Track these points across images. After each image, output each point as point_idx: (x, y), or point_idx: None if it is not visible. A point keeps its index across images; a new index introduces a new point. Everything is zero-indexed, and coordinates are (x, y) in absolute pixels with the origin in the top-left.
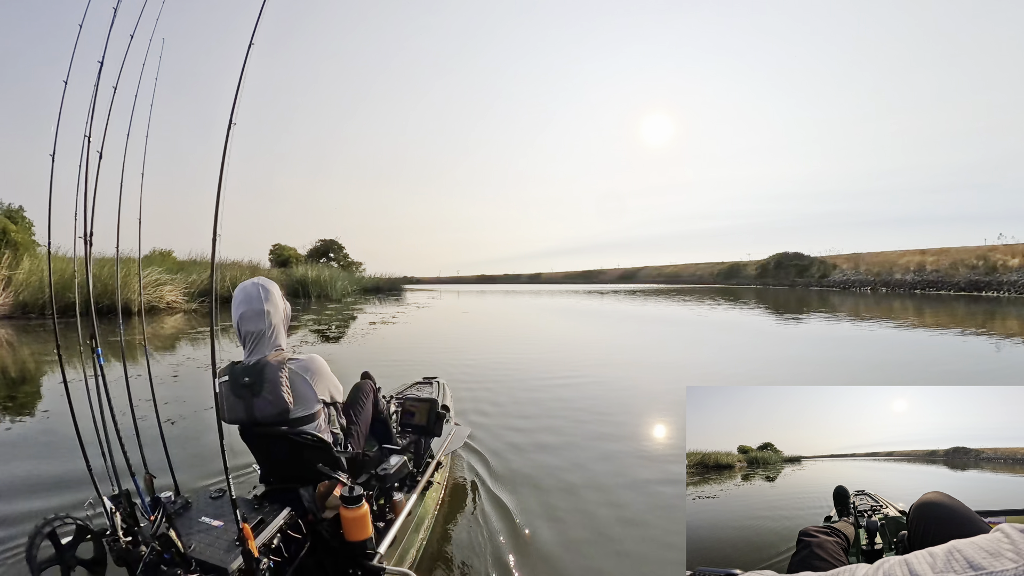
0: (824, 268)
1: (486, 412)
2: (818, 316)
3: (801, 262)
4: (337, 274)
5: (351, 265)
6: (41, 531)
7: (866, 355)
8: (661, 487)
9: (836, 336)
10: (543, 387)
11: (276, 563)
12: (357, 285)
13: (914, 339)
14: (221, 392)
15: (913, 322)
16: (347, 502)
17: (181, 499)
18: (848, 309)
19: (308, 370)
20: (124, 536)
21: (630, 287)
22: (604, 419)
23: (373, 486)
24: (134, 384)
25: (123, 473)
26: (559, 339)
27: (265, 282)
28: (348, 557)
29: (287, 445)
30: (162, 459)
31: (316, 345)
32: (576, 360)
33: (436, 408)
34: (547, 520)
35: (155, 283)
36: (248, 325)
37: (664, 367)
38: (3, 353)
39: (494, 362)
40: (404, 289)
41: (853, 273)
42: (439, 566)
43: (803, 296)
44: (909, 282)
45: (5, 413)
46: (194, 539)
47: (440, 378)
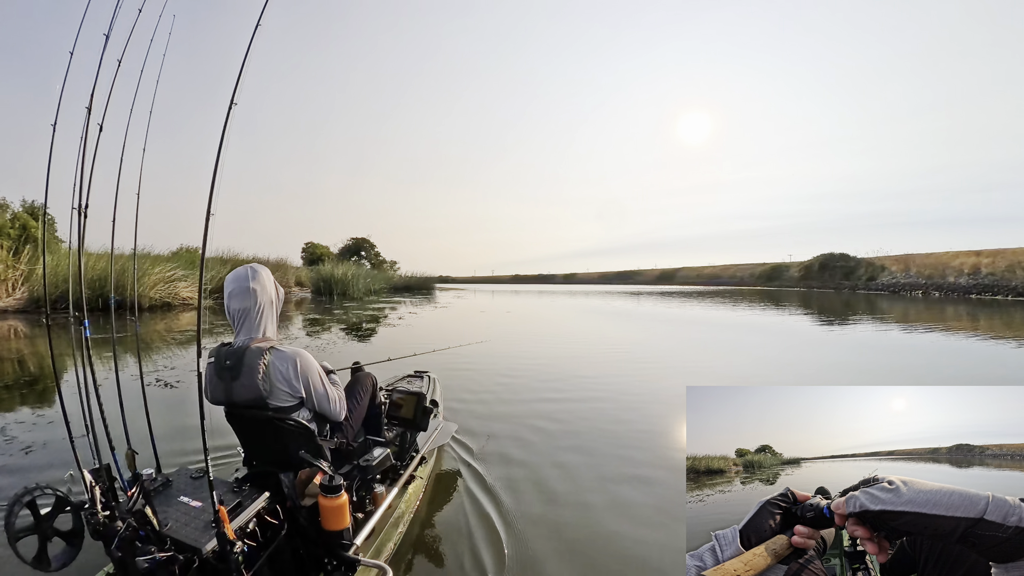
0: (872, 270)
1: (496, 415)
2: (894, 327)
3: (847, 263)
4: (362, 272)
5: (382, 263)
6: (20, 500)
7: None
8: (655, 492)
9: (920, 346)
10: (548, 389)
11: (251, 547)
12: (387, 284)
13: (983, 350)
14: (207, 373)
15: (970, 329)
16: (326, 491)
17: (161, 477)
18: (921, 318)
19: (291, 361)
20: (102, 510)
21: (668, 288)
22: (614, 420)
23: (355, 476)
24: (130, 369)
25: (105, 448)
26: (582, 340)
27: (256, 265)
28: (324, 546)
29: (271, 429)
30: (146, 436)
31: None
32: (595, 361)
33: (423, 402)
34: (529, 522)
35: (169, 279)
36: (234, 303)
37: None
38: (20, 345)
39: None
40: (435, 288)
41: (903, 275)
42: (415, 561)
43: (852, 300)
44: (963, 285)
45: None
46: (171, 517)
47: (431, 372)
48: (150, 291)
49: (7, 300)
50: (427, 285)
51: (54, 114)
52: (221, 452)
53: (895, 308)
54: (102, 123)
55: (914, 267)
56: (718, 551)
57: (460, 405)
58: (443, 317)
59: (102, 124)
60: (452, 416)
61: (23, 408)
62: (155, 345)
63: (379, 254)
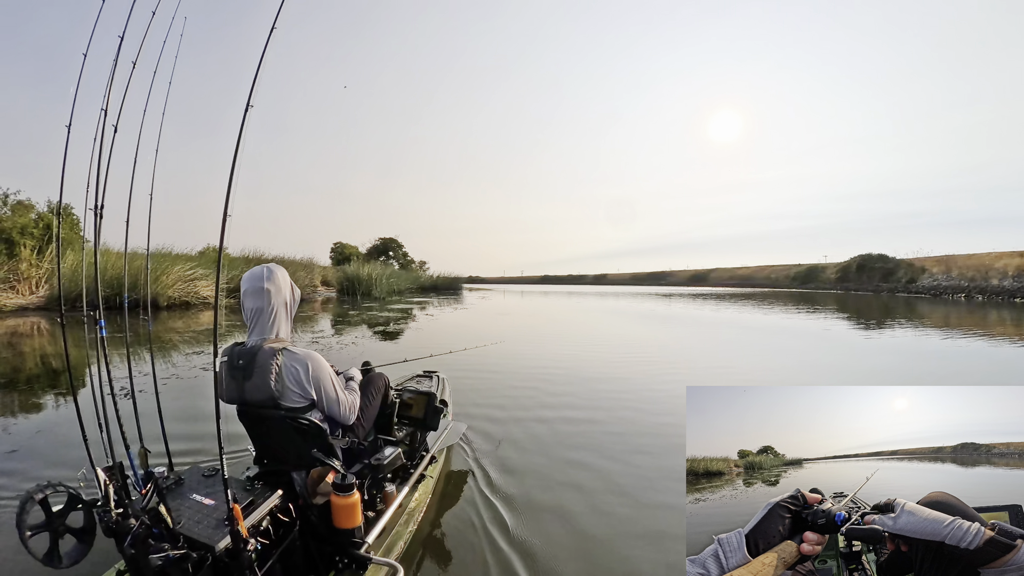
0: (912, 272)
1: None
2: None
3: (886, 264)
4: (387, 272)
5: (410, 263)
6: (32, 497)
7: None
8: (665, 492)
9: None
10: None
11: (263, 545)
12: (414, 284)
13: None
14: (220, 372)
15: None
16: (338, 489)
17: (174, 475)
18: (963, 323)
19: (302, 364)
20: (115, 508)
21: (701, 290)
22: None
23: (366, 475)
24: (143, 366)
25: (118, 445)
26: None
27: (272, 265)
28: (335, 544)
29: (282, 428)
30: (159, 433)
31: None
32: (615, 363)
33: (433, 402)
34: (536, 521)
35: (188, 278)
36: (249, 302)
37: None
38: (43, 342)
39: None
40: (462, 288)
41: (944, 277)
42: (426, 559)
43: (892, 303)
44: (1007, 288)
45: (26, 387)
46: (184, 515)
47: (440, 372)
48: (169, 290)
49: (29, 298)
50: (455, 285)
51: (69, 115)
52: (232, 450)
53: (935, 313)
54: (117, 124)
55: (955, 269)
56: (722, 557)
57: (472, 407)
58: (458, 321)
59: (116, 125)
60: (461, 415)
61: (38, 405)
62: (172, 344)
63: (407, 254)
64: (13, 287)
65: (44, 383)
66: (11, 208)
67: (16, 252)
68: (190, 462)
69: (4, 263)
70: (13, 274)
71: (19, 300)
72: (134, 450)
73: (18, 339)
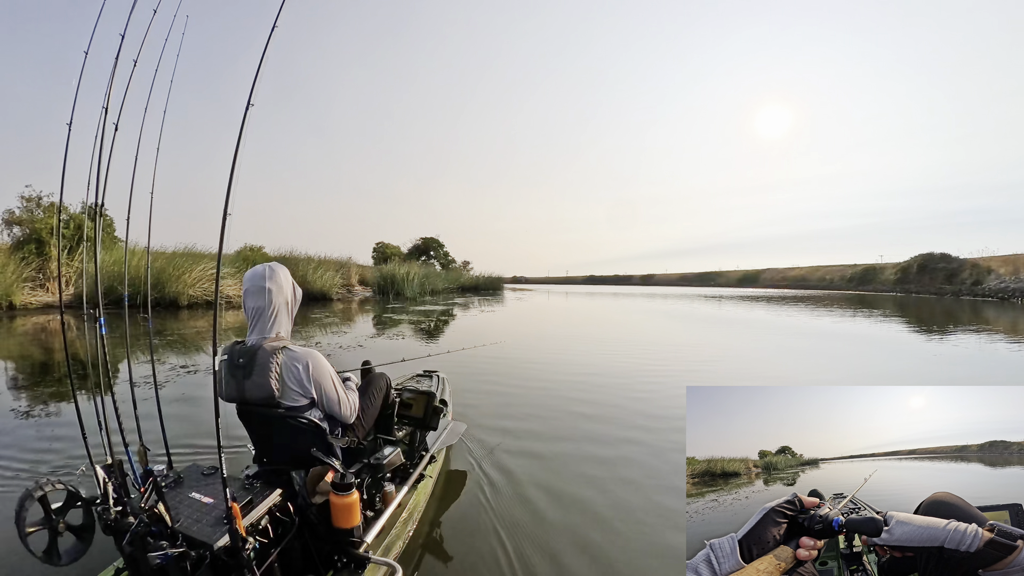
0: (977, 272)
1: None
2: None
3: (949, 265)
4: (420, 272)
5: (451, 263)
6: (31, 494)
7: None
8: (669, 495)
9: None
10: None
11: (262, 544)
12: (453, 284)
13: None
14: (220, 370)
15: None
16: (337, 488)
17: (173, 473)
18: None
19: (302, 363)
20: (114, 506)
21: (752, 292)
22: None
23: (365, 475)
24: (144, 365)
25: (117, 443)
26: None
27: (275, 264)
28: (334, 543)
29: (282, 427)
30: (158, 431)
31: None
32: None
33: (433, 401)
34: (535, 521)
35: (209, 277)
36: (250, 300)
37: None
38: (60, 340)
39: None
40: (503, 289)
41: (1013, 280)
42: (425, 559)
43: (958, 308)
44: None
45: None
46: (183, 514)
47: (440, 372)
48: (189, 289)
49: (56, 296)
50: (495, 285)
51: (70, 113)
52: (230, 448)
53: (1002, 319)
54: (117, 122)
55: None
56: (715, 563)
57: (472, 407)
58: (479, 326)
59: (117, 123)
60: (463, 415)
61: (40, 403)
62: (179, 343)
63: (447, 254)
64: (43, 285)
65: (47, 380)
66: (43, 210)
67: (46, 252)
68: (190, 459)
69: (33, 261)
70: (42, 273)
71: (46, 298)
72: (133, 448)
73: (37, 336)
